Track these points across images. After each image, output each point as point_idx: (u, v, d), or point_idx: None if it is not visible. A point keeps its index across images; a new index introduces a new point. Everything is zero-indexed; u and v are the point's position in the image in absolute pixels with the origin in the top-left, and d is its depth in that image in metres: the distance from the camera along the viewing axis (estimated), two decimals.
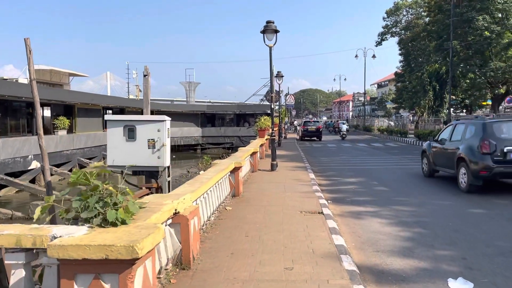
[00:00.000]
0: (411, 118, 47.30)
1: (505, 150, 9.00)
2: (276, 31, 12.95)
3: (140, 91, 56.66)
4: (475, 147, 9.45)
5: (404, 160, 17.52)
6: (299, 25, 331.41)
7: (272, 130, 13.93)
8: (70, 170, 24.43)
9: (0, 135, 19.76)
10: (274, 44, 13.13)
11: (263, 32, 12.98)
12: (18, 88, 19.65)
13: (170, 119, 7.07)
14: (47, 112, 25.02)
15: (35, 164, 21.50)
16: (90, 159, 26.90)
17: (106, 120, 6.85)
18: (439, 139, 11.77)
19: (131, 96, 55.82)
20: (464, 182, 9.66)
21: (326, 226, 6.32)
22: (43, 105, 24.39)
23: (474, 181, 9.37)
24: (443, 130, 12.20)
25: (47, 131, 24.66)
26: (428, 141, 13.14)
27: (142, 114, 36.32)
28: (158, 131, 6.73)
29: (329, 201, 8.80)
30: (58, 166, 23.62)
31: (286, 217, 6.89)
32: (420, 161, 13.03)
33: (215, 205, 7.08)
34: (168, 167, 7.10)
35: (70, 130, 26.36)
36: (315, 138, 34.25)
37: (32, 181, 21.28)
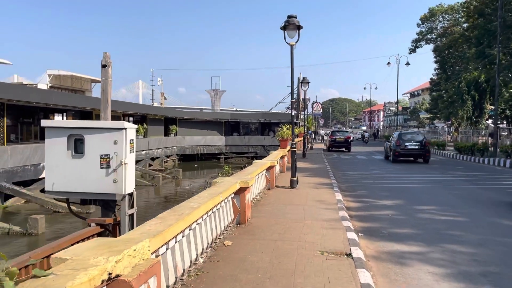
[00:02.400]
0: (447, 129, 44.37)
1: (405, 144, 20.86)
2: (298, 27, 11.18)
3: (165, 98, 55.87)
4: (395, 143, 21.24)
5: (447, 178, 15.28)
6: (329, 32, 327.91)
7: (293, 140, 12.06)
8: None
9: (10, 142, 18.82)
10: (296, 42, 11.35)
11: (284, 28, 11.25)
12: (28, 92, 18.65)
13: (135, 126, 5.24)
14: (59, 118, 24.08)
15: None
16: None
17: (43, 127, 5.07)
18: (389, 140, 23.63)
19: (155, 104, 55.13)
20: (390, 158, 21.66)
21: (357, 280, 4.46)
22: (58, 111, 23.51)
23: (394, 157, 21.14)
24: (392, 135, 24.33)
25: None
26: (386, 142, 25.28)
27: (164, 122, 35.20)
28: (115, 143, 4.86)
29: (359, 234, 6.90)
30: None
31: (301, 262, 5.07)
32: (384, 152, 24.98)
33: (207, 241, 5.33)
34: (131, 195, 5.27)
35: None
36: (343, 149, 32.15)
37: (43, 190, 20.25)
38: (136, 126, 5.20)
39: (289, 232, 6.58)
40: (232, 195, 6.84)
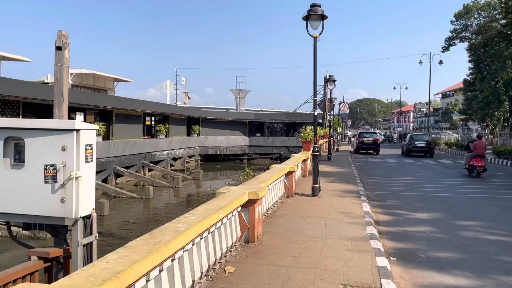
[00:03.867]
0: (483, 132, 42.01)
1: (415, 143, 27.93)
2: (323, 17, 10.03)
3: (189, 98, 55.23)
4: (408, 142, 28.51)
5: (488, 186, 13.75)
6: (357, 30, 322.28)
7: (315, 143, 10.87)
8: (105, 180, 22.90)
9: None
10: (320, 34, 10.20)
11: (306, 18, 10.13)
12: (43, 90, 18.15)
13: (94, 127, 4.08)
14: (80, 118, 23.68)
15: None
16: (128, 167, 25.31)
17: None
18: (405, 139, 31.42)
19: (179, 103, 54.64)
20: (405, 153, 28.59)
21: None
22: (76, 109, 23.09)
23: (407, 152, 28.03)
24: (407, 136, 32.24)
25: None
26: (403, 141, 33.11)
27: (187, 122, 34.74)
28: (63, 149, 3.75)
29: (391, 258, 5.74)
30: None
31: None
32: (401, 149, 31.01)
33: (200, 270, 4.31)
34: (88, 218, 4.13)
35: (108, 137, 24.92)
36: (371, 151, 30.67)
37: None
38: (96, 126, 4.18)
39: (305, 254, 5.48)
40: (239, 209, 5.82)
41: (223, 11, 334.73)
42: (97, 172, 22.62)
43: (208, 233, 4.56)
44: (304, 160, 14.44)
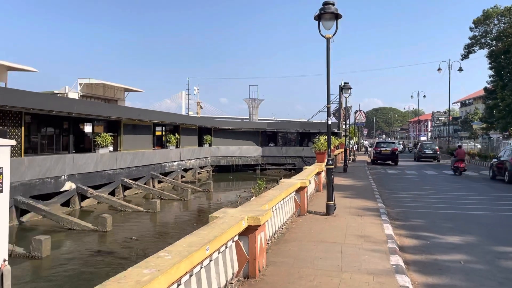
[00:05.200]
0: (509, 141, 40.31)
1: (424, 150, 36.10)
2: (336, 16, 9.05)
3: (201, 107, 54.66)
4: (418, 149, 37.17)
5: None
6: (373, 38, 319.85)
7: (329, 155, 9.80)
8: (112, 193, 22.16)
9: (29, 153, 17.78)
10: (333, 35, 9.21)
11: (318, 18, 9.16)
12: (45, 101, 17.51)
13: (5, 144, 3.20)
14: (88, 128, 23.08)
15: (69, 186, 19.31)
16: (136, 179, 24.58)
17: None
18: (417, 148, 38.51)
19: (190, 113, 54.07)
20: (416, 159, 36.16)
21: None
22: (83, 120, 22.52)
23: (417, 158, 35.93)
24: (418, 145, 40.25)
25: (87, 149, 22.71)
26: (414, 149, 42.65)
27: (198, 132, 33.97)
28: None
29: None
30: (98, 187, 21.35)
31: None
32: (413, 155, 38.71)
33: None
34: None
35: (116, 148, 24.25)
36: (389, 162, 29.38)
37: (66, 203, 19.15)
38: (12, 142, 3.21)
39: None
40: (237, 237, 4.82)
41: (234, 18, 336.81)
42: (104, 184, 21.90)
43: (190, 276, 3.57)
44: (318, 173, 13.37)
